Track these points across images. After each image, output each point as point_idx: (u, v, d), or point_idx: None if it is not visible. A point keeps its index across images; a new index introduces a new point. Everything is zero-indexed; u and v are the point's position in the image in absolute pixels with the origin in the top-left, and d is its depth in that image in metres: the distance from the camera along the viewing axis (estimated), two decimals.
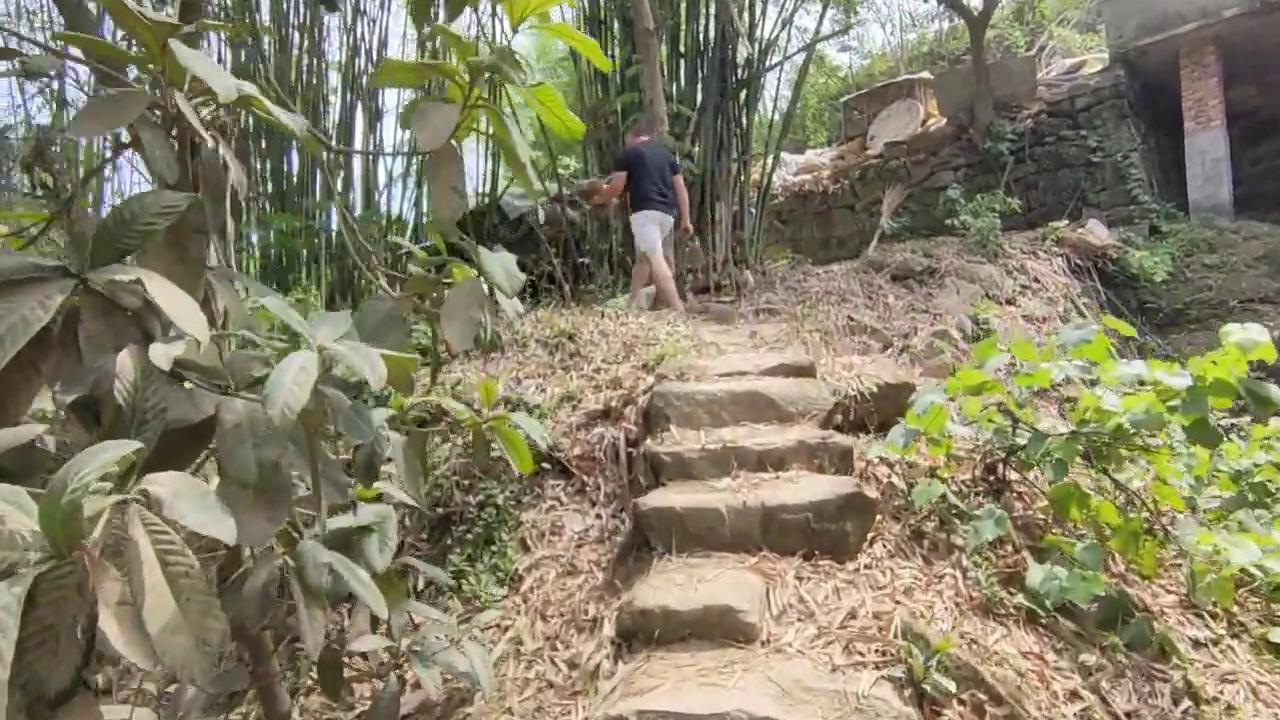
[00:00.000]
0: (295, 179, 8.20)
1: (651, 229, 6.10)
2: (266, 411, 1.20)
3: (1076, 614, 2.46)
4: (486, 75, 1.72)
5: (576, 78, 8.86)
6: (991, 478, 3.23)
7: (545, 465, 3.37)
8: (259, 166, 8.05)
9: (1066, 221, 8.79)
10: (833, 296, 7.40)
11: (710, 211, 7.85)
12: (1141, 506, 3.09)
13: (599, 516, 3.13)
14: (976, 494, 3.13)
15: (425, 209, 9.63)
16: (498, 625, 2.60)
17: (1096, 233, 8.62)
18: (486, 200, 10.01)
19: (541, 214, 8.33)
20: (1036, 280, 8.24)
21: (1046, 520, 3.04)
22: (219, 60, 9.57)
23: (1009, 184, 9.62)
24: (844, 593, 2.26)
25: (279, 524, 1.46)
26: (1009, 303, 7.83)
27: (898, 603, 2.25)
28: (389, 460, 1.97)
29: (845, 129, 12.93)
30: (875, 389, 3.42)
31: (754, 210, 8.57)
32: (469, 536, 3.16)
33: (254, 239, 8.57)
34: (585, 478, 3.34)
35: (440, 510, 3.28)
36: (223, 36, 8.24)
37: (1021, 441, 2.90)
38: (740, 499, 2.48)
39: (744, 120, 8.26)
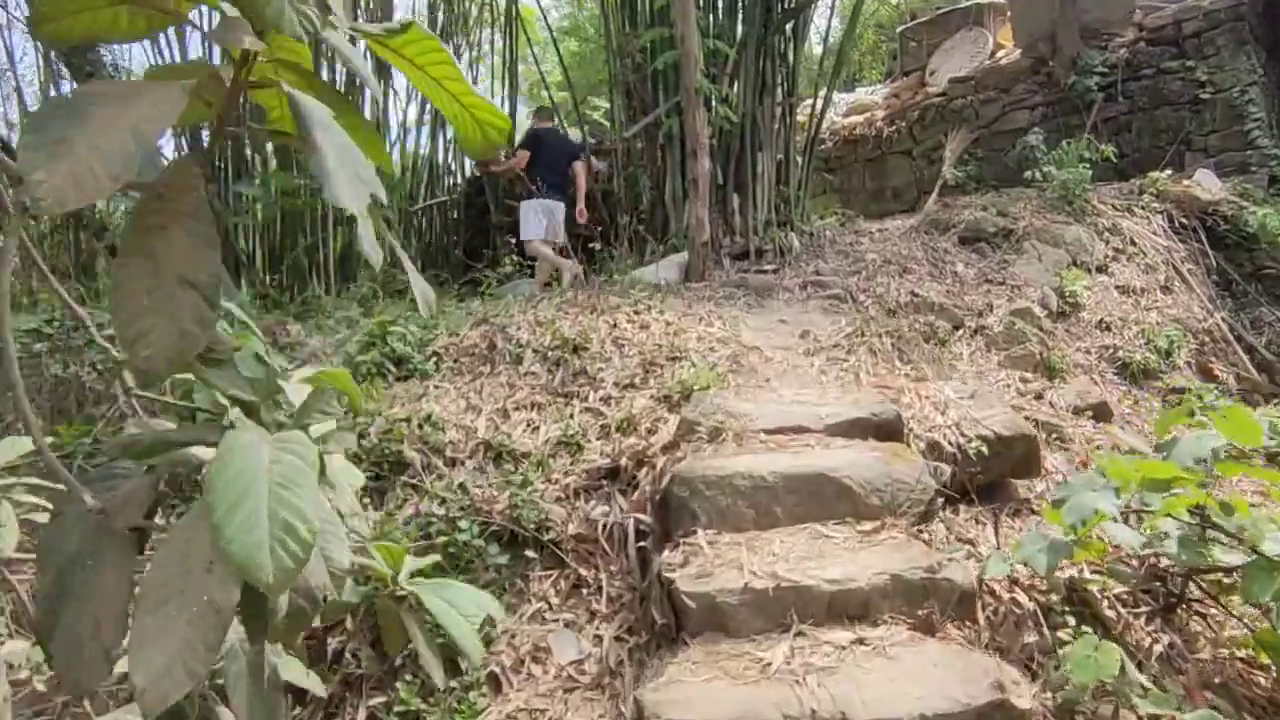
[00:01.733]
0: None
1: (534, 219, 6.51)
2: None
3: None
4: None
5: (600, 9, 7.69)
6: (1157, 584, 2.28)
7: (529, 553, 2.51)
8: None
9: (1168, 171, 7.49)
10: (892, 266, 6.35)
11: (751, 164, 6.78)
12: None
13: (598, 638, 2.26)
14: (1137, 614, 2.20)
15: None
16: None
17: (1206, 184, 7.32)
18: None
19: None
20: (1132, 243, 7.04)
21: (1246, 660, 2.10)
22: None
23: (1096, 125, 8.29)
24: None
25: None
26: (1100, 270, 6.71)
27: None
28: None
29: (901, 62, 11.47)
30: (984, 448, 2.46)
31: (800, 160, 7.40)
32: None
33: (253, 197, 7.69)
34: (582, 570, 2.47)
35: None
36: None
37: (1227, 558, 1.94)
38: (805, 702, 1.56)
39: (790, 56, 7.07)
